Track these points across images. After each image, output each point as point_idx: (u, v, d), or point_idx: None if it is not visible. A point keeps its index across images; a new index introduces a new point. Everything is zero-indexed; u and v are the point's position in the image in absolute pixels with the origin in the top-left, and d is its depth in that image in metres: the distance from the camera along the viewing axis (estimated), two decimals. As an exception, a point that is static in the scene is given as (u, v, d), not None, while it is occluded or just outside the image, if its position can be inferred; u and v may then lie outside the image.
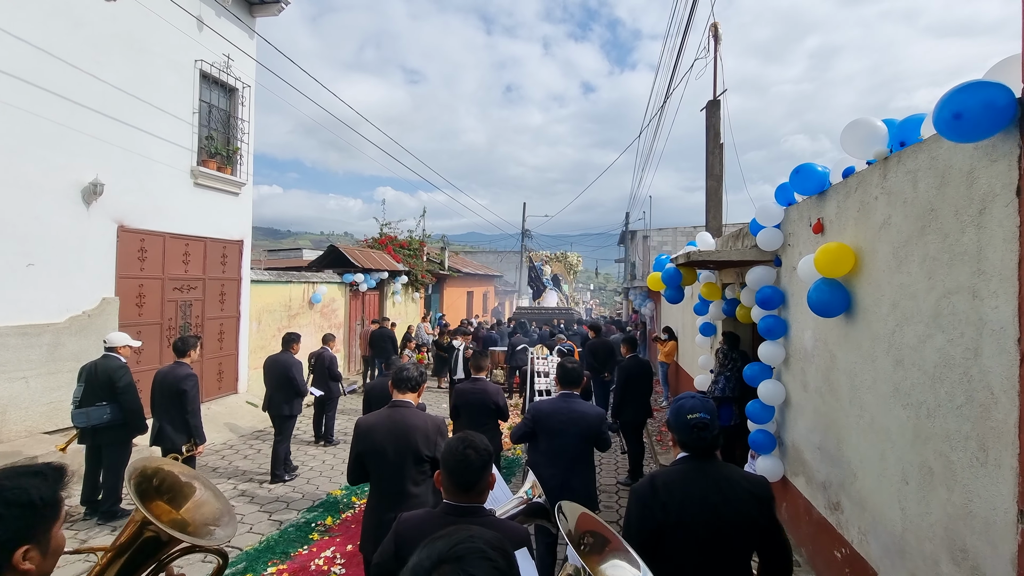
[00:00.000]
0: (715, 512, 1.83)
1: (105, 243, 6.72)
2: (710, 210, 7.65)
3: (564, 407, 3.54)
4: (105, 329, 6.62)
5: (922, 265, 2.34)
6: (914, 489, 2.38)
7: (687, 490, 1.88)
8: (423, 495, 2.83)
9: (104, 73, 6.65)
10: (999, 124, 1.81)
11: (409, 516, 1.91)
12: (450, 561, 0.88)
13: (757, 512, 1.84)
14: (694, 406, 1.96)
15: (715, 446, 1.98)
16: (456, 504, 1.81)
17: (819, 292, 3.10)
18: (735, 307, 5.37)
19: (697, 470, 1.93)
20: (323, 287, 11.55)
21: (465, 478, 1.78)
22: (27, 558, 1.08)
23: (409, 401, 2.99)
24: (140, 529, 1.37)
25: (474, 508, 1.81)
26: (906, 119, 2.63)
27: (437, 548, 0.92)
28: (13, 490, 1.09)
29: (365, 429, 2.87)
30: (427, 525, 1.76)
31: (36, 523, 1.11)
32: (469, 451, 1.79)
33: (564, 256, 24.56)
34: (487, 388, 4.55)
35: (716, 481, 1.89)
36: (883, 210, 2.68)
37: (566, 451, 3.44)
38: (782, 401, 4.17)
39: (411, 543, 1.72)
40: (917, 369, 2.37)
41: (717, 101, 7.63)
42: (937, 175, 2.24)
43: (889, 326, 2.61)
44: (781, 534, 1.90)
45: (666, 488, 1.90)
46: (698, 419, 1.92)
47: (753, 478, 1.98)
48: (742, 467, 5.14)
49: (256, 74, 9.33)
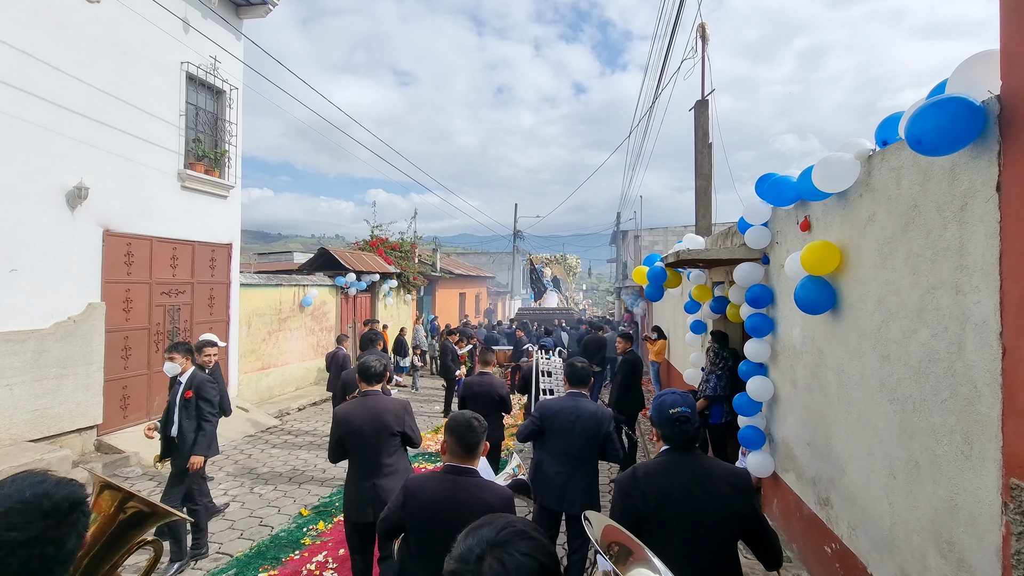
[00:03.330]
0: (695, 502, 1.90)
1: (91, 247, 6.64)
2: (700, 209, 7.69)
3: (572, 406, 3.55)
4: (91, 335, 6.54)
5: (906, 261, 2.36)
6: (901, 483, 2.40)
7: (667, 481, 1.95)
8: (395, 463, 3.31)
9: (88, 75, 6.58)
10: (964, 140, 1.84)
11: (415, 476, 2.24)
12: (498, 545, 0.94)
13: (737, 502, 1.90)
14: (675, 401, 2.04)
15: (696, 439, 2.04)
16: (456, 465, 2.13)
17: (806, 290, 3.12)
18: (725, 305, 5.40)
19: (678, 462, 2.00)
20: (314, 290, 11.48)
21: (468, 439, 2.13)
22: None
23: (377, 390, 3.47)
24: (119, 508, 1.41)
25: (470, 470, 2.13)
26: (887, 118, 2.65)
27: (483, 534, 0.97)
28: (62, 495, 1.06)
29: (343, 416, 3.33)
30: (430, 481, 2.14)
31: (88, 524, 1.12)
32: (474, 420, 2.18)
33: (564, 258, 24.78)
34: (493, 381, 4.97)
35: (696, 473, 1.96)
36: (868, 207, 2.70)
37: (572, 450, 3.46)
38: (771, 397, 4.20)
39: (415, 495, 2.11)
40: (903, 364, 2.39)
41: (705, 101, 7.68)
42: (920, 172, 2.26)
43: (875, 322, 2.63)
44: (764, 524, 1.96)
45: (647, 479, 1.98)
46: (679, 413, 2.00)
47: (734, 470, 2.03)
48: (734, 464, 5.18)
49: (244, 76, 9.26)
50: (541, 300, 22.00)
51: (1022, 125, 1.70)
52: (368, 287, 13.54)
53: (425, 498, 2.09)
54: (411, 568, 2.12)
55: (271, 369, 10.23)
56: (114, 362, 6.94)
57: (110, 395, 6.85)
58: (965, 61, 1.99)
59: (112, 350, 6.90)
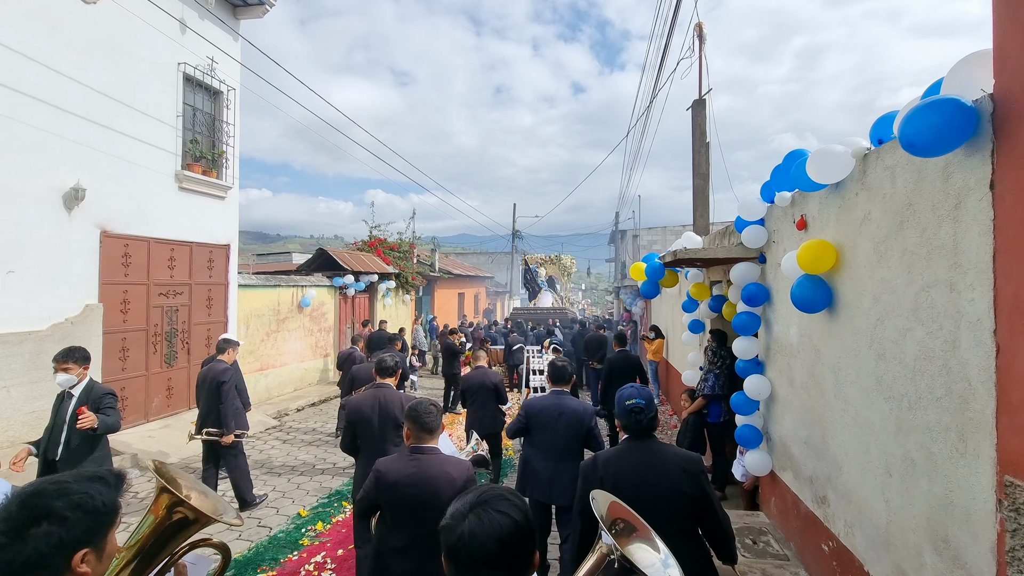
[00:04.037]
0: (645, 484, 2.12)
1: (88, 249, 6.63)
2: (698, 208, 7.69)
3: (555, 404, 3.75)
4: (89, 336, 6.54)
5: (901, 259, 2.37)
6: (897, 481, 2.41)
7: (621, 465, 2.19)
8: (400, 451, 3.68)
9: (85, 77, 6.57)
10: (956, 141, 1.85)
11: (382, 459, 2.49)
12: (480, 504, 1.15)
13: (685, 484, 2.11)
14: (631, 394, 2.30)
15: (651, 428, 2.29)
16: (418, 446, 2.42)
17: (802, 288, 3.13)
18: (722, 304, 5.41)
19: (633, 448, 2.24)
20: (312, 291, 11.48)
21: (426, 422, 2.42)
22: (84, 561, 1.10)
23: (388, 383, 3.83)
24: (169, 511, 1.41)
25: (431, 448, 2.42)
26: (882, 117, 2.66)
27: (468, 498, 1.18)
28: (80, 494, 1.13)
29: (355, 405, 3.73)
30: (396, 461, 2.41)
31: (97, 527, 1.14)
32: (431, 406, 2.48)
33: (558, 258, 24.79)
34: (487, 372, 5.55)
35: (649, 458, 2.19)
36: (863, 206, 2.71)
37: (557, 445, 3.65)
38: (768, 396, 4.21)
39: (385, 475, 2.35)
40: (898, 362, 2.40)
41: (703, 100, 7.69)
42: (914, 170, 2.26)
43: (871, 320, 2.64)
44: (713, 504, 2.14)
45: (605, 464, 2.23)
46: (634, 404, 2.25)
47: (685, 455, 2.25)
48: (731, 463, 5.18)
49: (242, 77, 9.26)
50: (536, 300, 22.06)
51: (1015, 123, 1.70)
52: (367, 287, 13.54)
53: (394, 477, 2.33)
54: (389, 540, 2.34)
55: (269, 370, 10.23)
56: (112, 363, 6.94)
57: (108, 397, 6.84)
58: (960, 60, 2.00)
59: (110, 352, 6.90)
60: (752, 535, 3.98)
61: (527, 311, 19.30)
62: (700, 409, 5.60)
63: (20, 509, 1.09)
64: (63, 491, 1.13)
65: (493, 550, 1.09)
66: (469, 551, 1.09)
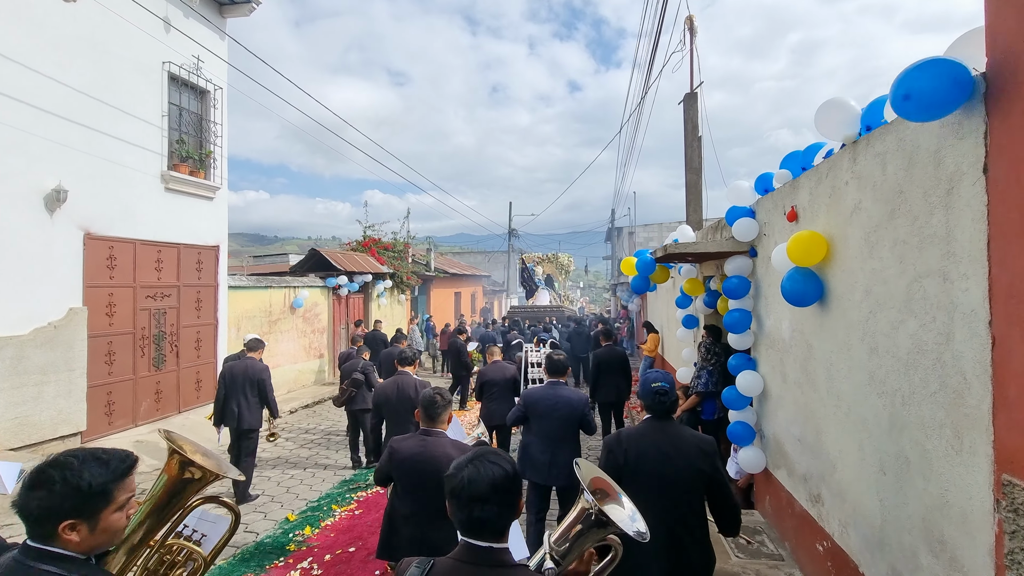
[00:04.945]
0: (665, 459, 2.32)
1: (71, 251, 6.52)
2: (690, 203, 7.60)
3: (551, 393, 4.02)
4: (73, 340, 6.43)
5: (893, 249, 2.28)
6: (891, 480, 2.32)
7: (644, 442, 2.39)
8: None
9: (66, 76, 6.45)
10: (952, 102, 1.75)
11: (397, 438, 2.85)
12: (477, 458, 1.42)
13: (701, 461, 2.31)
14: (656, 377, 2.50)
15: (672, 410, 2.49)
16: (427, 429, 2.77)
17: (793, 281, 3.04)
18: (716, 299, 5.32)
19: (655, 428, 2.44)
20: (304, 291, 11.37)
21: (432, 411, 2.77)
22: (75, 530, 1.25)
23: (407, 371, 4.75)
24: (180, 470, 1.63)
25: (437, 431, 2.76)
26: (871, 103, 2.57)
27: (466, 456, 1.46)
28: (70, 470, 1.26)
29: (380, 389, 4.71)
30: (407, 440, 2.78)
31: (82, 504, 1.26)
32: (437, 397, 2.82)
33: (555, 257, 24.72)
34: (504, 366, 5.76)
35: (669, 436, 2.39)
36: (854, 195, 2.62)
37: (553, 432, 3.92)
38: (761, 392, 4.12)
39: (397, 452, 2.73)
40: (891, 356, 2.31)
41: (694, 94, 7.59)
42: (905, 156, 2.17)
43: (863, 313, 2.55)
44: (724, 483, 2.34)
45: (628, 439, 2.44)
46: (659, 387, 2.45)
47: (701, 436, 2.47)
48: (725, 461, 5.10)
49: (234, 78, 9.17)
50: (533, 299, 22.04)
51: (1008, 100, 1.61)
52: (361, 288, 13.43)
53: (404, 454, 2.71)
54: (399, 507, 2.76)
55: (262, 372, 10.11)
56: (98, 368, 6.82)
57: (94, 401, 6.73)
58: (956, 40, 1.91)
59: (96, 355, 6.78)
60: (746, 534, 3.90)
61: (524, 310, 19.36)
62: (694, 407, 5.51)
63: (35, 472, 1.27)
64: (67, 465, 1.27)
65: (486, 491, 1.36)
66: (468, 491, 1.36)
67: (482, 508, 1.35)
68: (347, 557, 4.48)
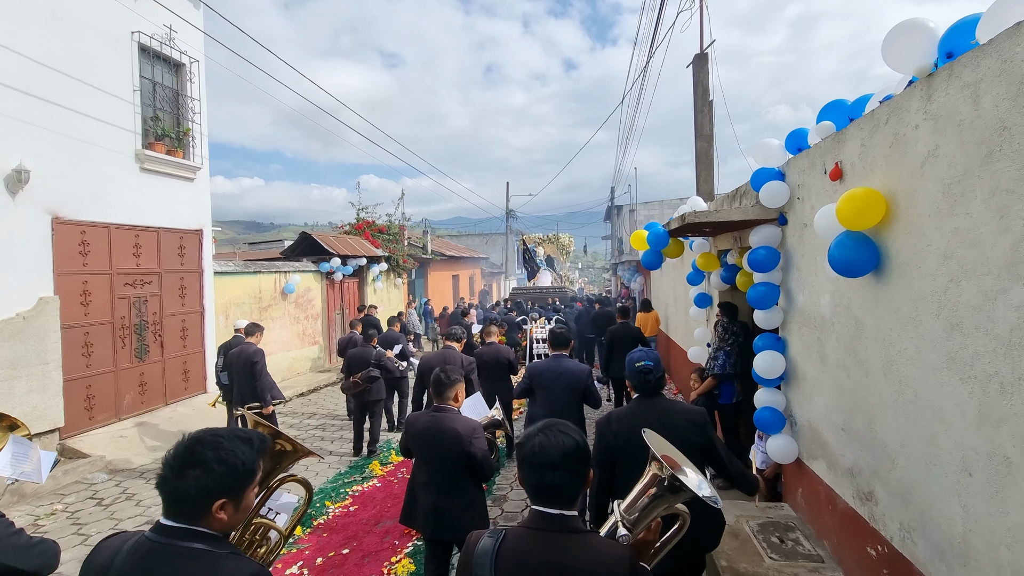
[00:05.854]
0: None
1: (38, 237, 6.06)
2: (701, 173, 7.12)
3: (555, 366, 4.12)
4: (44, 332, 6.01)
5: (989, 202, 1.84)
6: (981, 482, 1.92)
7: (633, 421, 2.32)
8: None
9: (24, 47, 5.92)
10: None
11: (413, 413, 3.08)
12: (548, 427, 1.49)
13: (692, 435, 2.32)
14: (640, 356, 2.52)
15: (659, 387, 2.51)
16: (439, 406, 2.96)
17: (843, 248, 2.60)
18: (735, 274, 4.89)
19: (643, 406, 2.47)
20: (296, 276, 10.93)
21: (440, 389, 2.96)
22: (223, 509, 1.26)
23: (454, 346, 5.26)
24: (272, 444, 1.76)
25: (447, 408, 2.94)
26: (954, 23, 2.10)
27: (539, 425, 1.51)
28: (225, 450, 1.27)
29: (426, 360, 5.16)
30: (421, 416, 3.00)
31: (235, 482, 1.28)
32: (442, 374, 2.99)
33: (556, 237, 24.28)
34: (499, 348, 5.71)
35: (657, 413, 2.40)
36: (928, 140, 2.17)
37: (557, 402, 3.99)
38: (793, 376, 3.72)
39: (412, 425, 2.97)
40: (984, 334, 1.89)
41: (705, 54, 7.05)
42: (1012, 83, 1.72)
43: (940, 283, 2.12)
44: (718, 448, 2.38)
45: (618, 420, 2.47)
46: (643, 365, 2.46)
47: (690, 409, 2.51)
48: (748, 448, 4.73)
49: (215, 55, 8.59)
50: (535, 279, 21.75)
51: None
52: (355, 272, 12.98)
53: (417, 428, 2.94)
54: (417, 476, 3.00)
55: (254, 361, 9.73)
56: (74, 360, 6.42)
57: (72, 396, 6.34)
58: None
59: (71, 347, 6.37)
60: (779, 531, 3.52)
61: (526, 291, 19.22)
62: (711, 390, 5.12)
63: (184, 452, 1.26)
64: (216, 444, 1.27)
65: (556, 458, 1.39)
66: (540, 458, 1.41)
67: (553, 474, 1.38)
68: (340, 560, 4.13)
